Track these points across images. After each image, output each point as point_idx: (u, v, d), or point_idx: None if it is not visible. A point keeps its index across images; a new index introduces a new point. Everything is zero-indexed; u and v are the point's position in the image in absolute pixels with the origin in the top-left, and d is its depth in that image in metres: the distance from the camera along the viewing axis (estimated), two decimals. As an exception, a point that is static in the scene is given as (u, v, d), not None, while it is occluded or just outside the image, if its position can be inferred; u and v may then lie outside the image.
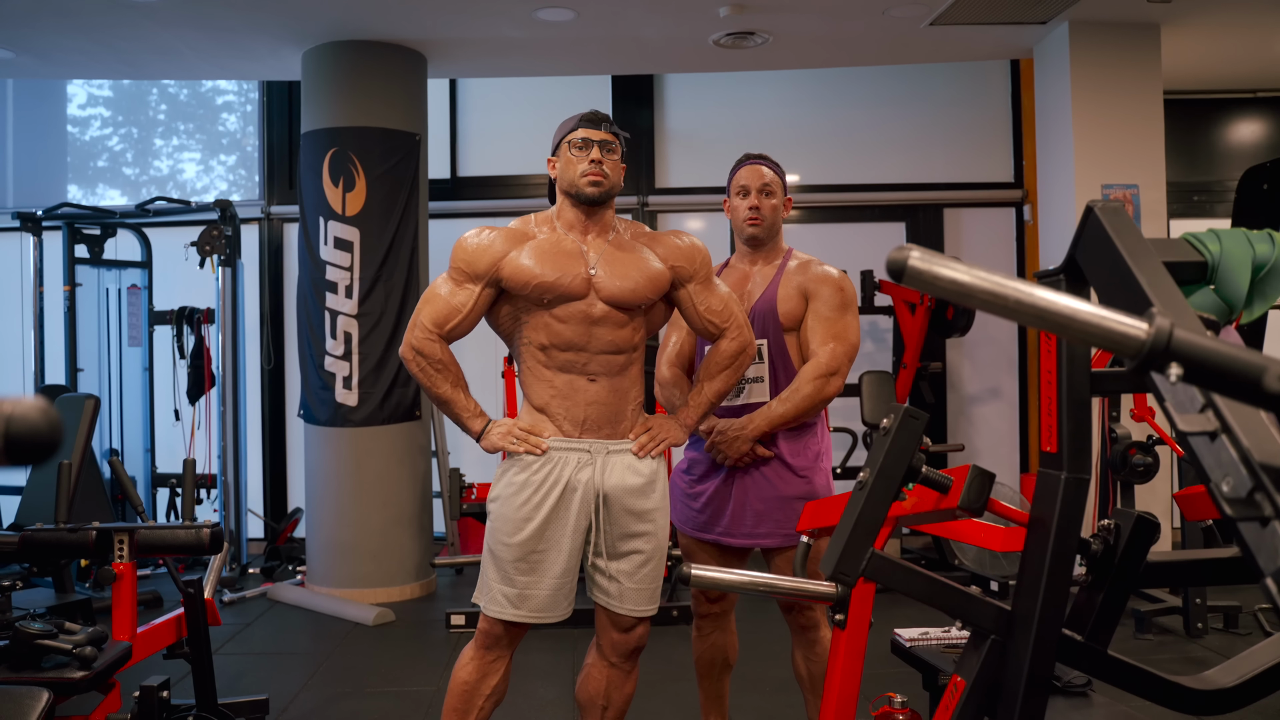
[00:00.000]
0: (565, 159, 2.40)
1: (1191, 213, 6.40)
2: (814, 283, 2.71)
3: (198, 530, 2.78)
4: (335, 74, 5.21)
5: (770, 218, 2.76)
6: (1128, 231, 1.33)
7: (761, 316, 2.72)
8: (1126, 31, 5.10)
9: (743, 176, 2.78)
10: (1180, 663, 3.92)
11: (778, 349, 2.70)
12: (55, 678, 2.32)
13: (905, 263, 0.96)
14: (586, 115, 2.43)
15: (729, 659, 2.92)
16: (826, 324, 2.68)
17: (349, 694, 3.74)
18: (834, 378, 2.66)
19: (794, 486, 2.67)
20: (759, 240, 2.78)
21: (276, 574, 5.65)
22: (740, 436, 2.64)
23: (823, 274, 2.73)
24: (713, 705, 2.95)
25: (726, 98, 6.52)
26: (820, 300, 2.70)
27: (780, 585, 1.81)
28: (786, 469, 2.68)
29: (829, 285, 2.71)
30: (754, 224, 2.75)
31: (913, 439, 1.65)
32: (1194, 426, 1.07)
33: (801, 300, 2.71)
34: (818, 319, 2.69)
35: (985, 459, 6.41)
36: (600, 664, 2.52)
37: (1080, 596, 1.64)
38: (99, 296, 5.88)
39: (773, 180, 2.77)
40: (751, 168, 2.79)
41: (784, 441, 2.69)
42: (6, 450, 0.64)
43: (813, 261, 2.78)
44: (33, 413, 0.65)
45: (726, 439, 2.66)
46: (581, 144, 2.38)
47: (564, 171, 2.41)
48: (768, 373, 2.71)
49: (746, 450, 2.65)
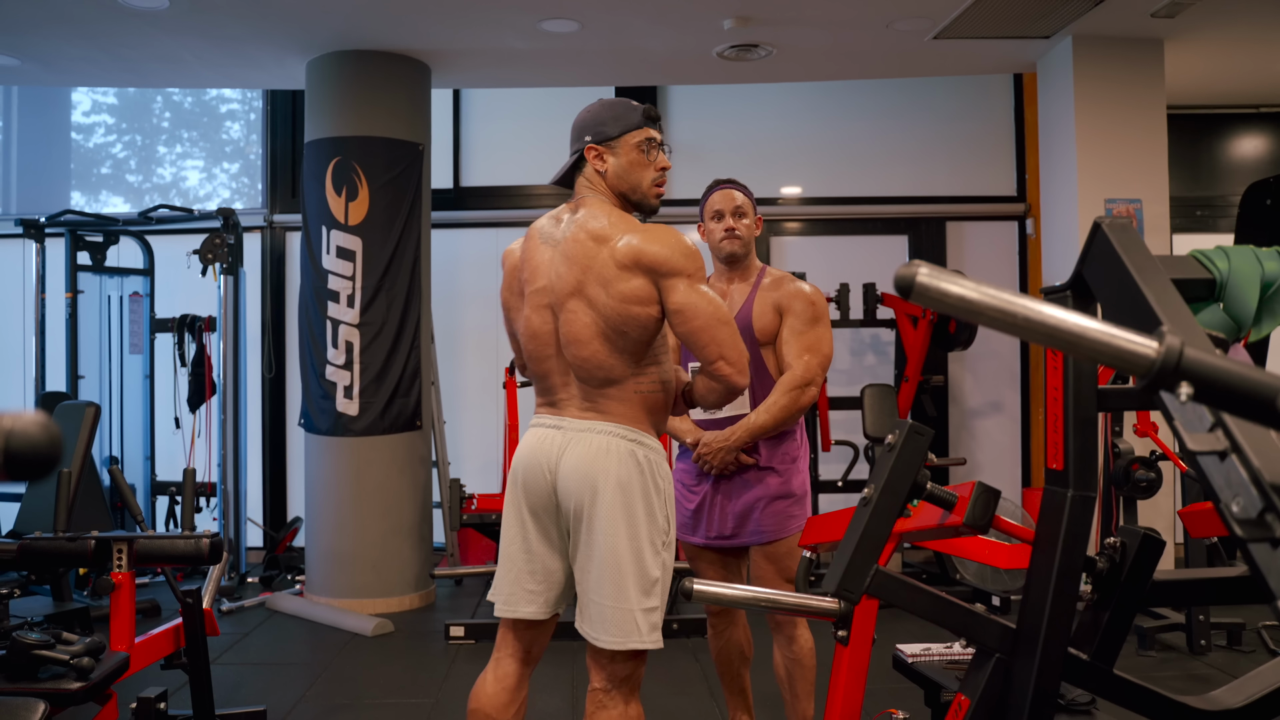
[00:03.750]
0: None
1: (1194, 228, 6.40)
2: (788, 298, 2.86)
3: (197, 540, 2.76)
4: (340, 83, 5.22)
5: (745, 236, 2.92)
6: (1135, 248, 1.33)
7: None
8: (1130, 46, 5.10)
9: (716, 201, 2.96)
10: (1183, 680, 3.90)
11: (755, 363, 2.81)
12: (52, 688, 2.30)
13: (913, 279, 0.95)
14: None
15: (745, 652, 3.03)
16: (800, 337, 2.83)
17: (347, 705, 3.72)
18: (809, 388, 2.80)
19: (772, 487, 2.82)
20: (736, 258, 2.93)
21: (275, 583, 5.64)
22: (725, 447, 2.80)
23: (795, 290, 2.88)
24: (738, 701, 3.05)
25: (730, 110, 6.52)
26: (794, 315, 2.84)
27: (782, 601, 1.79)
28: (765, 470, 2.84)
29: (801, 300, 2.85)
30: (730, 243, 2.90)
31: (918, 455, 1.64)
32: (1203, 446, 1.06)
33: (776, 316, 2.85)
34: (792, 333, 2.84)
35: (987, 473, 6.40)
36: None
37: (1085, 615, 1.62)
38: (101, 304, 5.88)
39: (744, 203, 2.94)
40: (724, 192, 2.97)
41: (764, 448, 2.85)
42: (6, 465, 0.64)
43: (785, 278, 2.92)
44: (33, 428, 0.64)
45: (712, 450, 2.81)
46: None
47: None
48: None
49: (731, 460, 2.81)
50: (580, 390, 2.22)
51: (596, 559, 2.15)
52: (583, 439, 2.19)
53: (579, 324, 2.17)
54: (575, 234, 2.21)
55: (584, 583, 2.20)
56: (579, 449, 2.18)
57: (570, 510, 2.19)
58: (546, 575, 2.25)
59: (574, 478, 2.17)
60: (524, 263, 2.28)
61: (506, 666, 2.29)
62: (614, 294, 2.14)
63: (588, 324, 2.16)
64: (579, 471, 2.17)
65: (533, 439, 2.27)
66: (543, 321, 2.23)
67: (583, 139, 2.32)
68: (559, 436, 2.22)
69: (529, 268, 2.26)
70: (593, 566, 2.16)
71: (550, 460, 2.21)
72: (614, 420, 2.19)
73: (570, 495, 2.18)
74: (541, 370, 2.27)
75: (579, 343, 2.18)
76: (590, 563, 2.17)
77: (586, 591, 2.19)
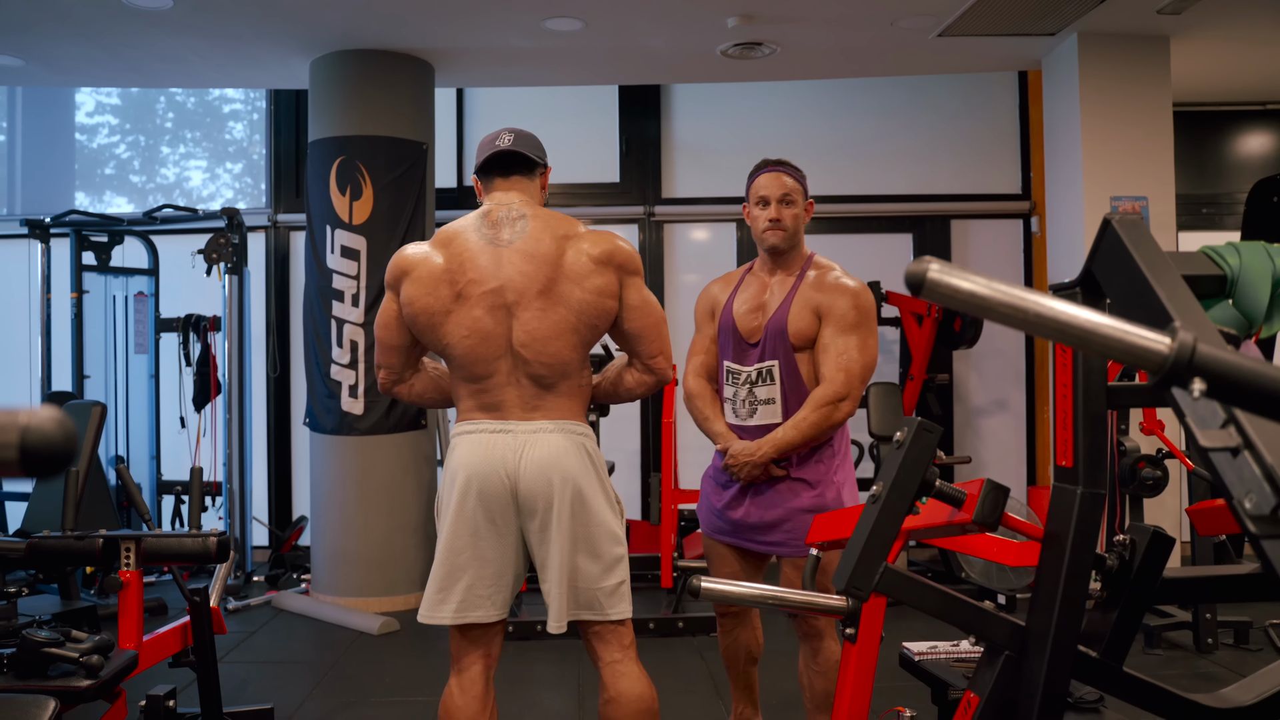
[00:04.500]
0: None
1: (1200, 225, 6.39)
2: (829, 297, 2.66)
3: (205, 539, 2.77)
4: (343, 83, 5.22)
5: (791, 227, 2.71)
6: (1146, 245, 1.32)
7: (773, 337, 2.70)
8: (1136, 43, 5.09)
9: (762, 185, 2.74)
10: (1190, 678, 3.90)
11: (789, 370, 2.68)
12: (62, 686, 2.30)
13: (924, 275, 0.95)
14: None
15: (753, 652, 2.97)
16: (839, 345, 2.64)
17: (354, 703, 3.72)
18: (843, 403, 2.63)
19: (805, 499, 2.68)
20: (779, 250, 2.73)
21: (281, 582, 5.64)
22: (750, 462, 2.67)
23: (838, 286, 2.67)
24: (743, 695, 3.01)
25: (733, 108, 6.52)
26: (834, 318, 2.65)
27: (790, 598, 1.79)
28: (800, 482, 2.70)
29: (844, 300, 2.65)
30: (774, 235, 2.71)
31: (926, 452, 1.63)
32: (1215, 442, 1.05)
33: (814, 319, 2.66)
34: (831, 340, 2.65)
35: (991, 472, 6.39)
36: None
37: (1095, 612, 1.62)
38: (106, 303, 5.88)
39: (793, 188, 2.72)
40: (771, 175, 2.74)
41: (796, 458, 2.70)
42: (21, 462, 0.63)
43: (830, 271, 2.72)
44: (48, 424, 0.64)
45: (739, 463, 2.69)
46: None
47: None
48: (779, 395, 2.71)
49: (759, 474, 2.69)
50: (528, 391, 2.27)
51: (580, 548, 2.25)
52: (538, 439, 2.25)
53: (548, 321, 2.24)
54: (536, 234, 2.27)
55: (568, 573, 2.25)
56: (539, 450, 2.25)
57: (538, 509, 2.24)
58: (498, 578, 2.29)
59: (539, 479, 2.23)
60: (460, 266, 2.25)
61: (471, 674, 2.33)
62: (589, 288, 2.26)
63: (557, 320, 2.24)
64: (544, 471, 2.23)
65: (479, 445, 2.26)
66: (495, 322, 2.24)
67: (544, 159, 2.45)
68: (510, 440, 2.26)
69: (470, 270, 2.25)
70: (576, 556, 2.25)
71: (508, 464, 2.24)
72: (557, 417, 2.29)
73: (538, 495, 2.23)
74: (484, 371, 2.27)
75: (545, 339, 2.24)
76: (571, 554, 2.24)
77: (571, 579, 2.26)
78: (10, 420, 0.64)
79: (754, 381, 2.73)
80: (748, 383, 2.74)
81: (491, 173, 2.38)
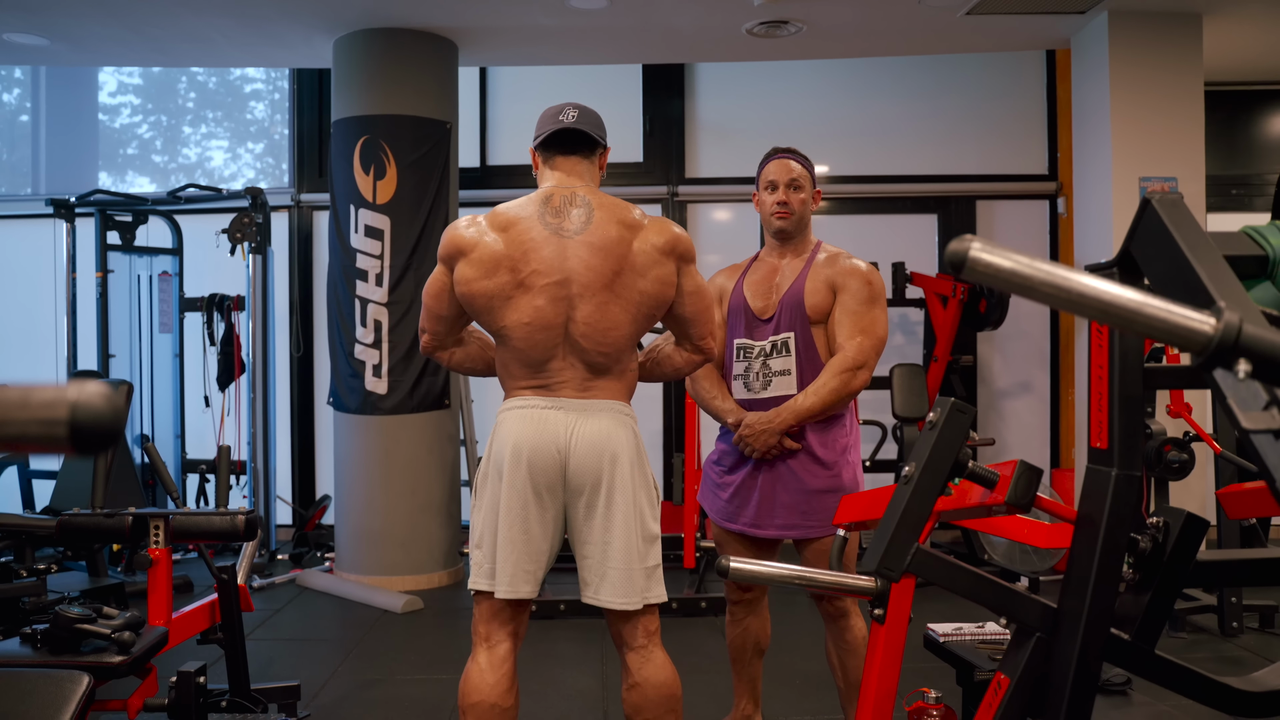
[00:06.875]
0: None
1: (1230, 206, 6.30)
2: (842, 276, 2.72)
3: (233, 517, 2.79)
4: (367, 62, 5.21)
5: (799, 212, 2.78)
6: (1187, 224, 1.30)
7: (789, 310, 2.73)
8: (1167, 21, 5.02)
9: (770, 171, 2.81)
10: (1215, 662, 3.88)
11: (804, 342, 2.71)
12: (95, 661, 2.33)
13: (966, 254, 0.94)
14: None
15: (761, 644, 2.96)
16: (854, 317, 2.70)
17: (379, 680, 3.75)
18: (861, 371, 2.68)
19: (820, 479, 2.70)
20: (787, 234, 2.81)
21: (305, 560, 5.69)
22: (768, 430, 2.67)
23: (851, 267, 2.74)
24: (745, 689, 2.99)
25: (758, 88, 6.48)
26: (848, 293, 2.71)
27: (819, 579, 1.79)
28: (814, 461, 2.70)
29: (857, 278, 2.72)
30: (782, 218, 2.78)
31: (959, 433, 1.62)
32: (1259, 424, 1.04)
33: (829, 293, 2.72)
34: (845, 312, 2.70)
35: (1016, 454, 6.36)
36: None
37: (1126, 595, 1.61)
38: (130, 283, 5.92)
39: (801, 174, 2.79)
40: (779, 162, 2.81)
41: (812, 434, 2.71)
42: (71, 438, 0.64)
43: (841, 254, 2.79)
44: (97, 399, 0.64)
45: (754, 432, 2.69)
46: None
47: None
48: (794, 366, 2.73)
49: (774, 443, 2.68)
50: (581, 373, 2.27)
51: (621, 528, 2.26)
52: (590, 417, 2.26)
53: (609, 312, 2.24)
54: (601, 224, 2.26)
55: (604, 553, 2.27)
56: (591, 425, 2.25)
57: (586, 485, 2.25)
58: (538, 555, 2.28)
59: (590, 455, 2.23)
60: (523, 255, 2.22)
61: (500, 651, 2.30)
62: (652, 278, 2.27)
63: (618, 312, 2.25)
64: (597, 447, 2.24)
65: (531, 420, 2.26)
66: (557, 313, 2.23)
67: (605, 138, 2.42)
68: (562, 416, 2.26)
69: (534, 260, 2.22)
70: (615, 536, 2.26)
71: (560, 439, 2.24)
72: (608, 397, 2.30)
73: (588, 471, 2.24)
74: (541, 356, 2.27)
75: (605, 330, 2.24)
76: (611, 533, 2.26)
77: (609, 560, 2.27)
78: (59, 396, 0.64)
79: (768, 354, 2.76)
80: (761, 355, 2.77)
81: (552, 149, 2.36)
